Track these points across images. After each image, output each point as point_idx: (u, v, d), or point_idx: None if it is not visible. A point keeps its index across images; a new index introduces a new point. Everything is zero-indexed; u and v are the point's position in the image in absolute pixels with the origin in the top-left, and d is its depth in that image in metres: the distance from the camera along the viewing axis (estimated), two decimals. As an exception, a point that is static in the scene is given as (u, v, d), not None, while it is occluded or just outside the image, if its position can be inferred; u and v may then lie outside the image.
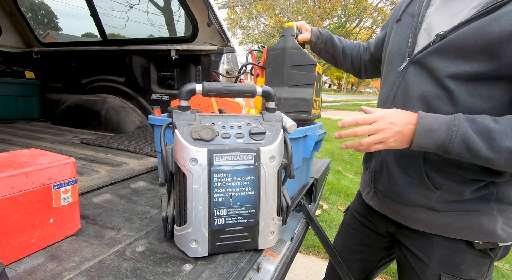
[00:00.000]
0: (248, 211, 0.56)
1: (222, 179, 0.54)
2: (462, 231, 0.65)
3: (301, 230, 0.99)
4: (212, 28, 1.68)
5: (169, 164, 0.57)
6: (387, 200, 0.75)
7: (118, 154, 1.36)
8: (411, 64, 0.66)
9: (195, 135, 0.54)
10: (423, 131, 0.55)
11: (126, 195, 0.89)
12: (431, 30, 0.65)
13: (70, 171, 0.61)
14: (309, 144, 0.87)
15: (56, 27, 4.03)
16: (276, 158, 0.57)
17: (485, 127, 0.52)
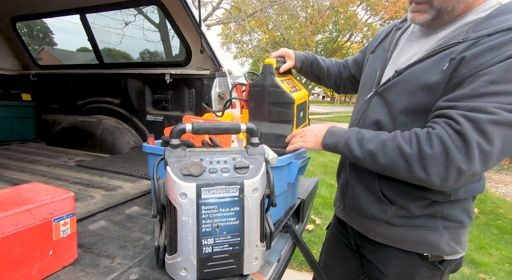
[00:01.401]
0: (233, 239, 0.61)
1: (209, 211, 0.59)
2: (413, 245, 0.74)
3: (288, 251, 1.04)
4: (205, 54, 1.78)
5: (161, 198, 0.61)
6: (353, 213, 0.85)
7: (113, 177, 1.40)
8: (375, 95, 0.77)
9: (185, 171, 0.59)
10: (328, 134, 0.76)
11: (121, 221, 0.94)
12: (394, 67, 0.75)
13: (70, 205, 0.66)
14: (293, 171, 0.93)
15: (51, 42, 4.02)
16: (259, 190, 0.62)
17: (361, 135, 0.69)
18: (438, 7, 0.64)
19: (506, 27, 0.56)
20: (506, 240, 2.79)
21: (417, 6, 0.67)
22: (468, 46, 0.59)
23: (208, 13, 9.64)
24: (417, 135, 0.60)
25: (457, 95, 0.58)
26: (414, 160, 0.59)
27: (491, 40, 0.57)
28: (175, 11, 1.73)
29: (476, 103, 0.55)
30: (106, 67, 2.20)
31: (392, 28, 0.86)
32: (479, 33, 0.59)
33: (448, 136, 0.56)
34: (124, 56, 2.86)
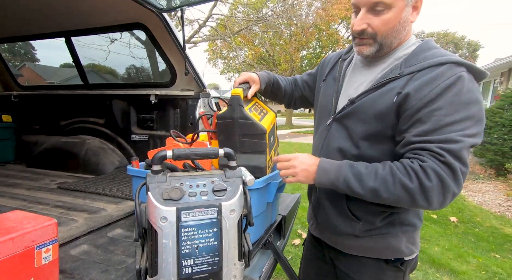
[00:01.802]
0: (212, 259, 0.63)
1: (189, 233, 0.61)
2: (379, 251, 0.83)
3: (270, 267, 1.07)
4: (189, 75, 1.84)
5: (143, 222, 0.64)
6: (325, 230, 0.91)
7: (96, 199, 1.41)
8: (334, 121, 0.85)
9: (166, 195, 0.61)
10: (321, 171, 0.75)
11: (103, 244, 0.95)
12: (347, 95, 0.85)
13: (52, 231, 0.68)
14: (271, 190, 0.98)
15: (33, 58, 3.90)
16: (236, 211, 0.65)
17: (358, 171, 0.72)
18: (381, 41, 0.75)
19: (429, 65, 0.70)
20: (482, 248, 2.90)
21: (362, 41, 0.77)
22: (407, 81, 0.71)
23: (195, 31, 9.85)
24: (414, 169, 0.66)
25: (424, 130, 0.67)
26: (417, 193, 0.66)
27: (423, 76, 0.69)
28: (160, 35, 1.81)
29: (444, 135, 0.65)
30: (91, 88, 2.22)
31: (338, 59, 0.95)
32: (411, 69, 0.72)
33: (440, 167, 0.64)
34: (110, 75, 2.88)
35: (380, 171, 0.70)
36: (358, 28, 0.74)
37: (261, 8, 10.72)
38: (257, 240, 1.00)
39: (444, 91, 0.66)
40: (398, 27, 0.73)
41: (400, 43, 0.78)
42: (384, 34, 0.74)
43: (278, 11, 10.75)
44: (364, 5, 0.72)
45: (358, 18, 0.74)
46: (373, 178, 0.70)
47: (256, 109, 1.01)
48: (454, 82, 0.66)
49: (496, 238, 3.16)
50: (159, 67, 2.40)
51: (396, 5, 0.70)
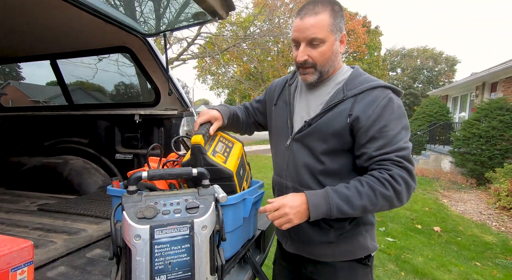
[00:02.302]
0: (184, 274, 0.65)
1: (162, 250, 0.64)
2: (353, 252, 0.93)
3: None
4: (173, 95, 1.90)
5: (118, 240, 0.66)
6: (300, 244, 0.97)
7: (77, 220, 1.41)
8: (293, 141, 0.95)
9: (140, 214, 0.65)
10: (313, 208, 0.81)
11: (81, 265, 0.96)
12: (300, 117, 0.96)
13: (28, 253, 0.70)
14: (247, 206, 1.02)
15: (17, 76, 3.79)
16: (208, 227, 0.69)
17: (344, 195, 0.81)
18: (320, 69, 0.89)
19: (365, 88, 0.86)
20: (464, 256, 2.98)
21: (305, 70, 0.90)
22: (352, 103, 0.86)
23: (184, 49, 10.02)
24: (386, 179, 0.79)
25: (380, 145, 0.83)
26: (393, 198, 0.80)
27: (363, 99, 0.85)
28: (144, 57, 1.87)
29: (396, 146, 0.82)
30: (75, 109, 2.24)
31: (284, 84, 1.06)
32: (352, 92, 0.87)
33: (401, 172, 0.80)
34: (96, 94, 2.90)
35: (360, 188, 0.80)
36: (301, 59, 0.87)
37: (248, 27, 11.06)
38: (234, 254, 1.03)
39: (382, 110, 0.83)
40: (332, 57, 0.88)
41: (334, 70, 0.93)
42: (322, 63, 0.88)
43: (265, 29, 11.11)
44: (303, 40, 0.86)
45: (300, 50, 0.87)
46: (358, 197, 0.80)
47: (222, 145, 1.02)
48: (387, 102, 0.84)
49: (477, 246, 3.25)
50: (143, 87, 2.45)
51: (328, 39, 0.85)
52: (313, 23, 0.84)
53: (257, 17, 11.04)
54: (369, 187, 0.80)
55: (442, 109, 10.12)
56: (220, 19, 1.48)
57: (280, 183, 1.00)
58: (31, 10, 1.52)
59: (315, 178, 0.91)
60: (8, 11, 1.53)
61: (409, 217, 4.10)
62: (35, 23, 1.68)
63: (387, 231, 3.54)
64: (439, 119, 9.84)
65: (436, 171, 7.59)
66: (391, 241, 3.27)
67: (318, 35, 0.84)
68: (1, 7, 1.49)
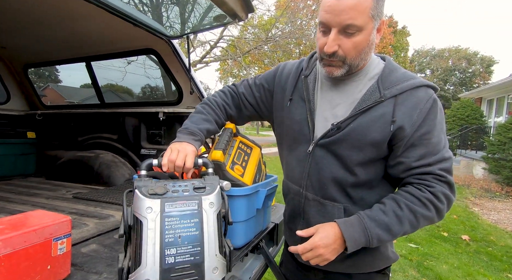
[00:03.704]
0: (194, 249, 0.67)
1: (172, 223, 0.67)
2: (371, 263, 0.84)
3: (260, 270, 1.14)
4: (194, 94, 2.01)
5: (129, 219, 0.70)
6: None
7: (106, 207, 1.54)
8: (317, 147, 0.81)
9: (151, 191, 0.69)
10: (351, 242, 0.73)
11: (110, 244, 1.07)
12: (324, 118, 0.81)
13: (67, 227, 0.81)
14: (260, 198, 1.05)
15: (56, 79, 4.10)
16: (215, 205, 0.73)
17: (383, 222, 0.73)
18: (350, 63, 0.74)
19: (407, 88, 0.74)
20: (495, 267, 2.81)
21: (332, 62, 0.74)
22: (393, 106, 0.73)
23: (206, 52, 10.33)
24: (428, 198, 0.72)
25: (420, 155, 0.74)
26: (435, 217, 0.74)
27: (406, 100, 0.73)
28: (168, 58, 2.01)
29: (438, 156, 0.73)
30: (106, 107, 2.43)
31: (299, 74, 0.89)
32: (391, 92, 0.74)
33: (444, 188, 0.73)
34: (124, 94, 3.12)
35: (400, 213, 0.73)
36: (330, 50, 0.71)
37: (270, 29, 11.16)
38: (247, 243, 1.08)
39: (426, 114, 0.73)
40: (366, 49, 0.73)
41: (365, 63, 0.79)
42: (354, 56, 0.73)
43: (286, 31, 11.15)
44: (336, 25, 0.69)
45: (330, 38, 0.71)
46: (399, 223, 0.72)
47: (240, 153, 1.03)
48: (432, 105, 0.73)
49: (510, 257, 3.05)
50: (167, 87, 2.60)
51: (366, 27, 0.70)
52: (352, 5, 0.66)
53: (279, 19, 11.09)
54: (409, 211, 0.72)
55: (475, 112, 9.60)
56: (240, 21, 1.56)
57: (297, 193, 0.87)
58: (69, 18, 1.70)
59: (343, 191, 0.80)
60: (51, 20, 1.72)
61: (434, 224, 3.93)
62: (72, 29, 1.87)
63: (409, 237, 3.42)
64: (471, 123, 9.34)
65: (467, 177, 7.19)
66: (414, 247, 3.16)
67: (355, 22, 0.67)
68: (46, 18, 1.68)
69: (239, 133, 1.08)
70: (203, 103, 1.02)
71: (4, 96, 2.58)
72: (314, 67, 0.88)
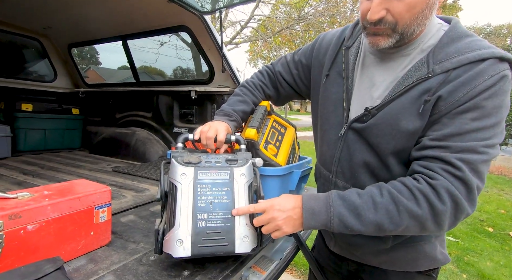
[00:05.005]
0: (225, 216, 0.69)
1: (204, 189, 0.70)
2: (413, 263, 0.75)
3: (291, 252, 1.11)
4: (226, 73, 1.98)
5: (165, 185, 0.74)
6: (349, 248, 0.81)
7: (143, 181, 1.61)
8: (349, 130, 0.72)
9: (186, 160, 0.73)
10: (308, 214, 0.63)
11: (146, 216, 1.11)
12: (361, 98, 0.72)
13: (107, 197, 0.85)
14: (294, 179, 1.02)
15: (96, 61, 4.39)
16: (246, 176, 0.74)
17: (353, 204, 0.61)
18: (402, 31, 0.60)
19: (467, 61, 0.57)
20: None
21: (378, 30, 0.61)
22: (440, 83, 0.58)
23: (237, 32, 10.17)
24: (422, 191, 0.56)
25: (443, 134, 0.57)
26: (427, 219, 0.57)
27: (460, 75, 0.57)
28: (201, 35, 1.97)
29: (466, 143, 0.55)
30: (141, 85, 2.50)
31: (339, 46, 0.78)
32: (444, 66, 0.58)
33: (454, 186, 0.55)
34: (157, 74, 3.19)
35: (378, 198, 0.59)
36: (375, 16, 0.58)
37: (303, 7, 10.61)
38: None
39: (482, 92, 0.55)
40: (425, 11, 0.57)
41: (422, 31, 0.63)
42: (408, 22, 0.58)
43: (320, 9, 10.55)
44: None
45: (375, 2, 0.57)
46: (372, 209, 0.59)
47: (274, 132, 1.01)
48: (496, 82, 0.55)
49: None
50: (199, 67, 2.60)
51: None
52: None
53: (313, -5, 10.50)
54: (391, 200, 0.58)
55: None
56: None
57: (327, 178, 0.81)
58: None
59: (376, 180, 0.70)
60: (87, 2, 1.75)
61: (477, 218, 3.65)
62: (110, 8, 1.89)
63: (447, 229, 3.22)
64: (527, 110, 8.27)
65: (519, 170, 6.52)
66: (453, 240, 2.98)
67: None
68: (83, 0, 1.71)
69: (274, 112, 1.05)
70: (241, 86, 1.01)
71: (52, 75, 2.76)
72: (358, 37, 0.76)
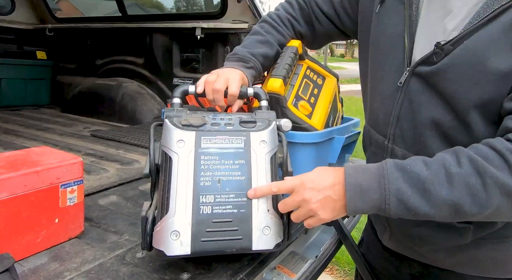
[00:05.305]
0: (238, 199, 0.64)
1: (209, 162, 0.65)
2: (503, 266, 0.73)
3: (330, 247, 1.08)
4: (243, 3, 1.85)
5: (156, 156, 0.70)
6: (410, 242, 0.79)
7: (130, 150, 1.59)
8: (413, 77, 0.69)
9: (185, 122, 0.69)
10: (354, 193, 0.58)
11: (134, 197, 1.08)
12: (430, 32, 0.67)
13: (78, 171, 0.79)
14: (335, 148, 0.98)
15: None
16: (268, 144, 0.70)
17: (417, 177, 0.56)
18: None
19: None
20: None
21: None
22: None
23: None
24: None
25: None
26: None
27: None
28: None
29: None
30: (130, 20, 2.40)
31: None
32: None
33: None
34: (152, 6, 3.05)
35: (454, 168, 0.55)
36: None
37: None
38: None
39: None
40: None
41: None
42: None
43: None
44: None
45: None
46: (446, 183, 0.55)
47: (308, 85, 0.99)
48: None
49: None
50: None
51: None
52: None
53: None
54: (473, 169, 0.54)
55: None
56: None
57: (380, 146, 0.79)
58: None
59: (449, 145, 0.65)
60: None
61: None
62: None
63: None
64: None
65: None
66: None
67: None
68: None
69: (307, 56, 1.03)
70: (262, 21, 1.00)
71: (8, 5, 2.67)
72: None
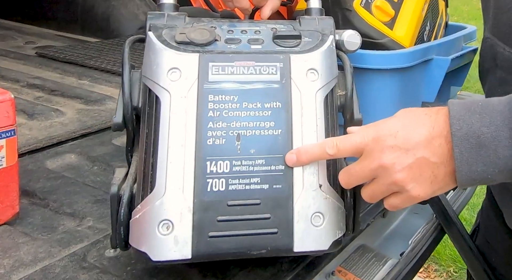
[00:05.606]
0: (270, 167, 0.66)
1: (222, 106, 0.66)
2: None
3: (424, 239, 1.14)
4: None
5: (134, 94, 0.71)
6: None
7: (101, 80, 1.61)
8: None
9: (181, 37, 0.69)
10: (468, 149, 0.59)
11: (103, 157, 1.09)
12: None
13: (6, 115, 0.78)
14: (435, 77, 1.05)
15: None
16: (320, 74, 0.72)
17: None
18: None
19: None
20: None
21: None
22: None
23: None
24: None
25: None
26: None
27: None
28: None
29: None
30: None
31: None
32: None
33: None
34: None
35: None
36: None
37: None
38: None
39: None
40: None
41: None
42: None
43: None
44: None
45: None
46: None
47: None
48: None
49: None
50: None
51: None
52: None
53: None
54: None
55: None
56: None
57: None
58: None
59: None
60: None
61: None
62: None
63: None
64: None
65: None
66: None
67: None
68: None
69: None
70: None
71: None
72: None
